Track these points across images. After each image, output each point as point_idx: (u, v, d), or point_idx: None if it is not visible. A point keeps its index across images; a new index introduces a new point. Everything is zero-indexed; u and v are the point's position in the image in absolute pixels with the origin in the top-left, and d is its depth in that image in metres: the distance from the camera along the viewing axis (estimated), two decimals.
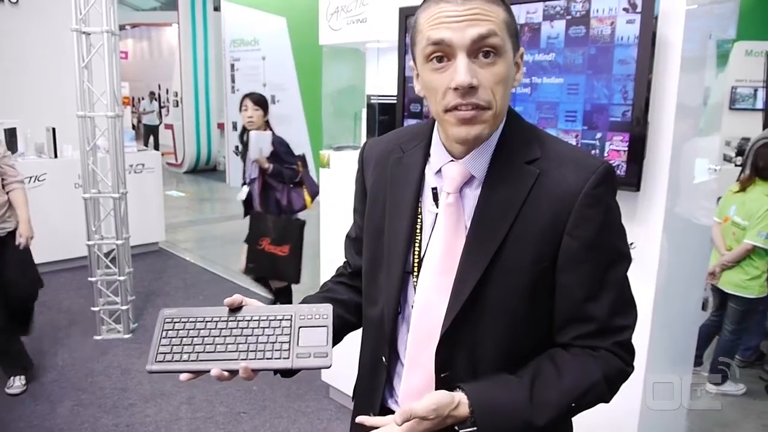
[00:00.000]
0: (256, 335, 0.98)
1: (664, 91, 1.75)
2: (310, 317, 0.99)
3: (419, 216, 1.01)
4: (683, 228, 2.04)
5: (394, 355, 1.06)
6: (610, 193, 0.94)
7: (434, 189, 0.99)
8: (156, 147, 11.42)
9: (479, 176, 0.95)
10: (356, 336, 1.17)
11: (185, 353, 0.97)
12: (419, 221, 1.01)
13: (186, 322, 1.01)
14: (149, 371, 0.97)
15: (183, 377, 0.97)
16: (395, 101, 2.46)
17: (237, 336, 0.98)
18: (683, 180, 1.93)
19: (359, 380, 1.18)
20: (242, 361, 0.95)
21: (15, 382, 3.23)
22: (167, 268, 5.60)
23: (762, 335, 3.69)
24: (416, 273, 1.00)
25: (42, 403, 3.14)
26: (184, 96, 11.22)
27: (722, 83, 5.59)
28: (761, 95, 6.28)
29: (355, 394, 1.20)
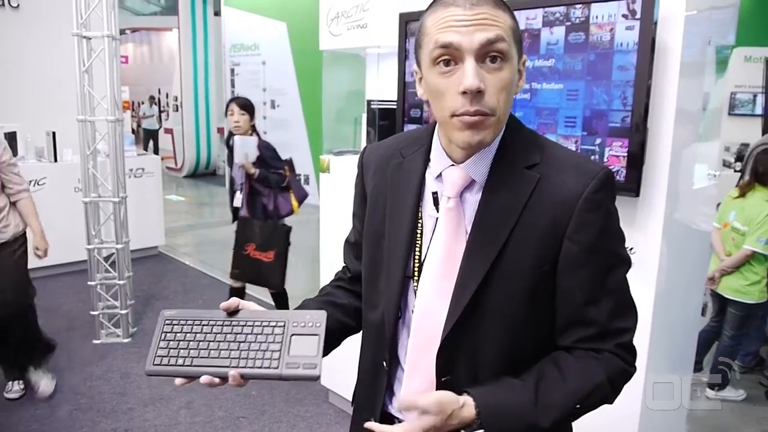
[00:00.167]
0: (249, 341, 0.98)
1: (664, 97, 1.76)
2: (303, 324, 0.99)
3: (419, 221, 1.01)
4: (683, 233, 2.04)
5: (395, 360, 1.06)
6: (610, 198, 0.94)
7: (435, 193, 0.99)
8: (156, 151, 11.43)
9: (480, 181, 0.96)
10: (356, 341, 1.17)
11: (181, 357, 0.98)
12: (419, 226, 1.01)
13: (184, 325, 1.01)
14: (147, 373, 0.99)
15: (178, 381, 0.97)
16: (395, 106, 2.46)
17: (230, 342, 0.98)
18: (683, 185, 1.93)
19: (359, 385, 1.18)
20: (232, 369, 0.95)
21: (14, 387, 3.22)
22: (167, 272, 5.60)
23: (761, 341, 3.68)
24: (416, 278, 1.00)
25: (41, 407, 3.13)
26: (184, 100, 11.26)
27: (721, 89, 5.61)
28: (760, 101, 6.29)
29: (355, 399, 1.19)
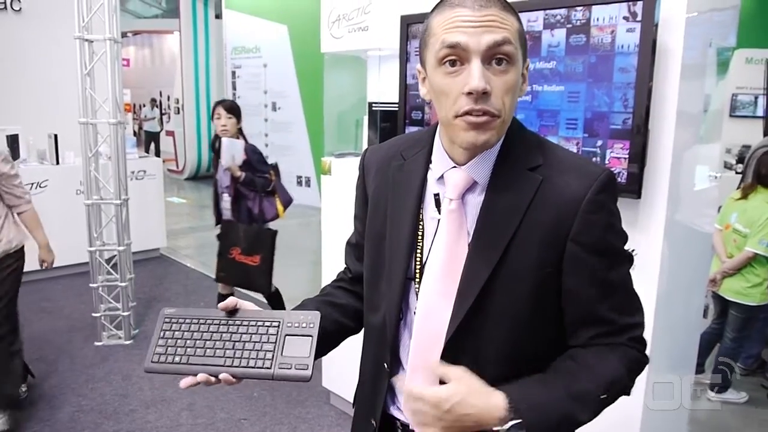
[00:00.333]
0: (244, 341, 0.99)
1: (665, 99, 1.76)
2: (297, 325, 1.00)
3: (420, 222, 1.01)
4: (684, 235, 2.04)
5: (396, 362, 1.06)
6: (612, 199, 0.95)
7: (436, 195, 0.99)
8: (157, 154, 11.47)
9: (482, 182, 0.96)
10: (357, 343, 1.17)
11: (178, 355, 1.00)
12: (420, 228, 1.01)
13: (183, 323, 1.03)
14: (146, 370, 1.01)
15: (183, 384, 0.98)
16: (397, 108, 2.47)
17: (226, 341, 0.99)
18: (684, 187, 1.93)
19: (360, 387, 1.18)
20: (224, 368, 0.97)
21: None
22: (168, 275, 5.60)
23: (763, 343, 3.67)
24: (418, 279, 1.00)
25: (42, 409, 3.13)
26: (186, 103, 11.27)
27: (722, 91, 5.60)
28: (762, 103, 6.29)
29: (356, 401, 1.19)
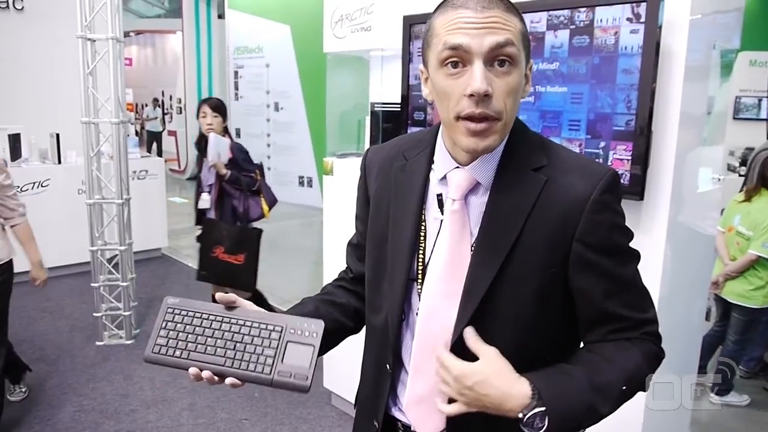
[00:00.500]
0: (245, 342, 0.98)
1: (668, 101, 1.75)
2: (300, 332, 0.98)
3: (423, 223, 1.01)
4: (687, 237, 2.03)
5: (398, 363, 1.05)
6: (616, 199, 0.95)
7: (439, 196, 0.99)
8: (159, 153, 11.46)
9: (485, 183, 0.95)
10: (359, 343, 1.17)
11: (179, 349, 0.98)
12: (423, 228, 1.01)
13: (185, 316, 1.02)
14: (145, 359, 1.00)
15: (190, 372, 0.97)
16: (399, 109, 2.46)
17: (227, 340, 0.98)
18: (687, 189, 1.93)
19: (362, 388, 1.17)
20: (224, 368, 0.96)
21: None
22: (170, 274, 5.60)
23: (765, 346, 3.66)
24: (420, 280, 1.00)
25: (43, 408, 3.13)
26: (188, 103, 11.26)
27: (726, 93, 5.60)
28: (765, 105, 6.29)
29: (358, 402, 1.19)
